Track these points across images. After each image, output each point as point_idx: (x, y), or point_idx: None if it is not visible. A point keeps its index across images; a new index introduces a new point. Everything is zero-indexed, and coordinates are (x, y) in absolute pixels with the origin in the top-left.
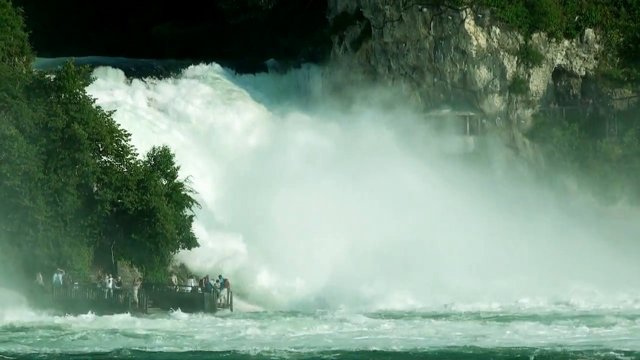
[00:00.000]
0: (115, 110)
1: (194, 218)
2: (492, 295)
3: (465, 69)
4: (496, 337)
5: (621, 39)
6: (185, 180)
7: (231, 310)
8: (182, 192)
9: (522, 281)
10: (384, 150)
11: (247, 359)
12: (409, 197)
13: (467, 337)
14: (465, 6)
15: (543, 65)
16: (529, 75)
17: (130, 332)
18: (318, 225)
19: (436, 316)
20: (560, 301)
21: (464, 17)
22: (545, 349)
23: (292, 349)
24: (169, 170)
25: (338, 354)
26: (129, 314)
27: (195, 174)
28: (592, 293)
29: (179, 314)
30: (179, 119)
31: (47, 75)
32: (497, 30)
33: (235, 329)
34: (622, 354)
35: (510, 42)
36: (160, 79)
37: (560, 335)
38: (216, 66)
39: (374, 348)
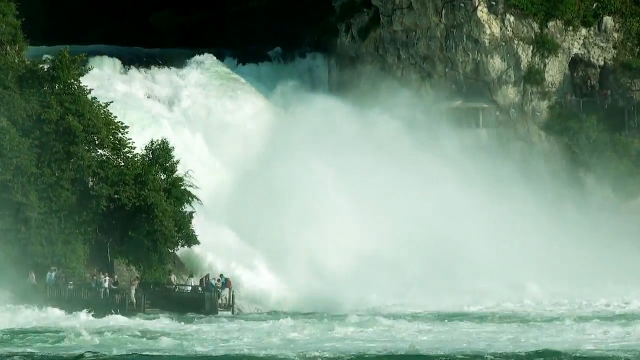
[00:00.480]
0: (111, 102)
1: (194, 214)
2: (518, 295)
3: (478, 58)
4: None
5: None
6: (184, 175)
7: (233, 311)
8: (182, 187)
9: (544, 280)
10: (392, 144)
11: None
12: (418, 193)
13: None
14: None
15: (559, 54)
16: (545, 65)
17: (128, 333)
18: (328, 223)
19: (463, 317)
20: (596, 301)
21: (476, 4)
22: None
23: (340, 354)
24: (167, 165)
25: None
26: (125, 314)
27: (194, 168)
28: (624, 292)
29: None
30: (178, 110)
31: (41, 65)
32: (512, 18)
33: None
34: None
35: (525, 30)
36: (158, 68)
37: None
38: (217, 55)
39: (438, 352)
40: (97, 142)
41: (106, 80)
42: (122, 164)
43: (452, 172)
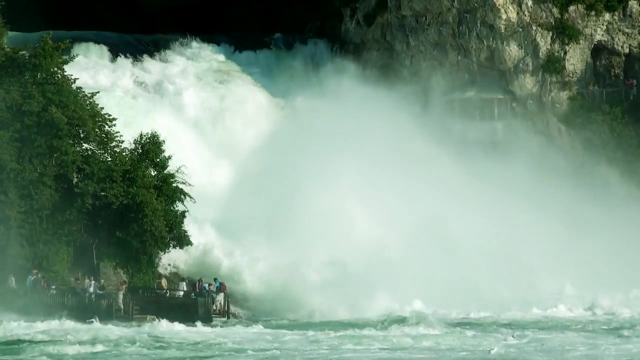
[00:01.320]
0: (98, 92)
1: (186, 214)
2: (555, 300)
3: (493, 45)
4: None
5: None
6: (177, 171)
7: (228, 317)
8: (174, 185)
9: (566, 284)
10: (401, 137)
11: None
12: (430, 190)
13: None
14: None
15: (581, 41)
16: (565, 53)
17: (115, 341)
18: (344, 223)
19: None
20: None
21: None
22: None
23: None
24: (158, 160)
25: None
26: (113, 321)
27: (187, 163)
28: None
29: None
30: (170, 101)
31: (22, 52)
32: (529, 2)
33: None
34: None
35: (544, 15)
36: (149, 56)
37: None
38: (211, 42)
39: None
40: (82, 135)
41: (92, 69)
42: (109, 159)
43: (463, 168)
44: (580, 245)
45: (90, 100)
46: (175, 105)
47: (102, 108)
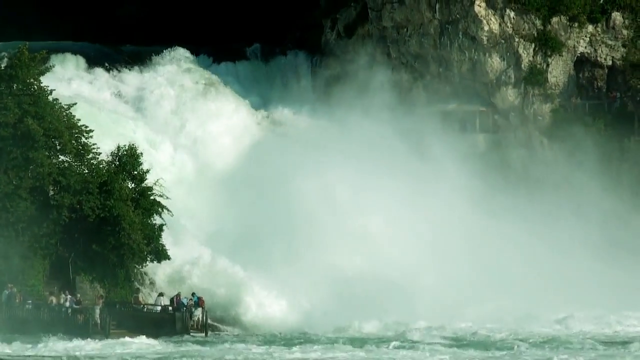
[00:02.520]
0: (75, 103)
1: (164, 227)
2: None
3: (475, 57)
4: None
5: None
6: (154, 184)
7: (206, 333)
8: (151, 198)
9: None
10: (381, 150)
11: None
12: (409, 205)
13: None
14: None
15: (564, 53)
16: (548, 65)
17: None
18: (314, 237)
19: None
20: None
21: None
22: None
23: None
24: (135, 172)
25: None
26: (89, 336)
27: (165, 176)
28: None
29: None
30: (147, 113)
31: None
32: (512, 14)
33: None
34: None
35: (527, 27)
36: (126, 67)
37: None
38: (190, 53)
39: None
40: (58, 147)
41: (69, 80)
42: (86, 171)
43: (445, 182)
44: (563, 260)
45: (67, 111)
46: (153, 116)
47: (79, 120)
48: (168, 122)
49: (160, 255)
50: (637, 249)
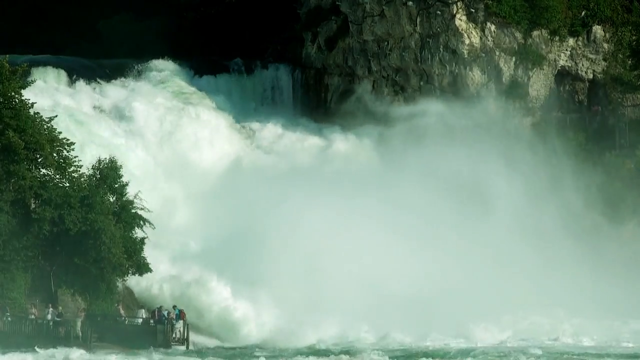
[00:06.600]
0: (56, 116)
1: (145, 240)
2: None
3: (456, 71)
4: None
5: (634, 38)
6: (135, 197)
7: (187, 346)
8: (133, 211)
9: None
10: (361, 167)
11: None
12: (390, 223)
13: None
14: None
15: (544, 67)
16: (529, 79)
17: None
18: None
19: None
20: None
21: (454, 12)
22: None
23: None
24: (116, 186)
25: None
26: (71, 349)
27: (144, 189)
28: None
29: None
30: (128, 126)
31: None
32: (493, 27)
33: None
34: None
35: (508, 40)
36: (107, 81)
37: None
38: (171, 66)
39: None
40: (39, 160)
41: (50, 93)
42: (67, 184)
43: (424, 197)
44: (548, 274)
45: (48, 124)
46: (134, 130)
47: (60, 132)
48: (149, 134)
49: (142, 268)
50: (619, 263)
